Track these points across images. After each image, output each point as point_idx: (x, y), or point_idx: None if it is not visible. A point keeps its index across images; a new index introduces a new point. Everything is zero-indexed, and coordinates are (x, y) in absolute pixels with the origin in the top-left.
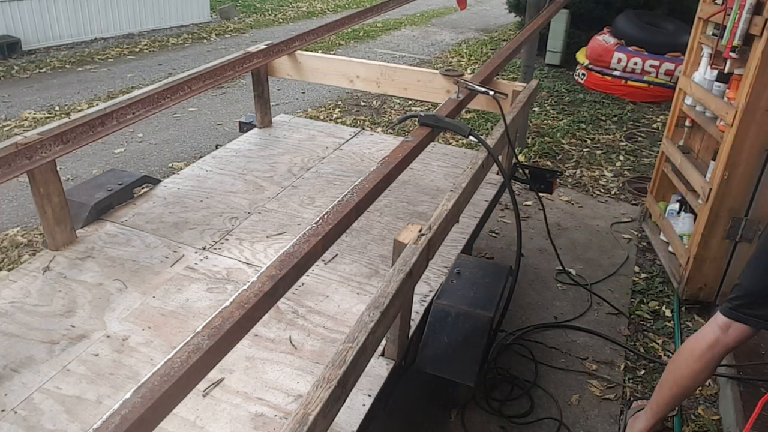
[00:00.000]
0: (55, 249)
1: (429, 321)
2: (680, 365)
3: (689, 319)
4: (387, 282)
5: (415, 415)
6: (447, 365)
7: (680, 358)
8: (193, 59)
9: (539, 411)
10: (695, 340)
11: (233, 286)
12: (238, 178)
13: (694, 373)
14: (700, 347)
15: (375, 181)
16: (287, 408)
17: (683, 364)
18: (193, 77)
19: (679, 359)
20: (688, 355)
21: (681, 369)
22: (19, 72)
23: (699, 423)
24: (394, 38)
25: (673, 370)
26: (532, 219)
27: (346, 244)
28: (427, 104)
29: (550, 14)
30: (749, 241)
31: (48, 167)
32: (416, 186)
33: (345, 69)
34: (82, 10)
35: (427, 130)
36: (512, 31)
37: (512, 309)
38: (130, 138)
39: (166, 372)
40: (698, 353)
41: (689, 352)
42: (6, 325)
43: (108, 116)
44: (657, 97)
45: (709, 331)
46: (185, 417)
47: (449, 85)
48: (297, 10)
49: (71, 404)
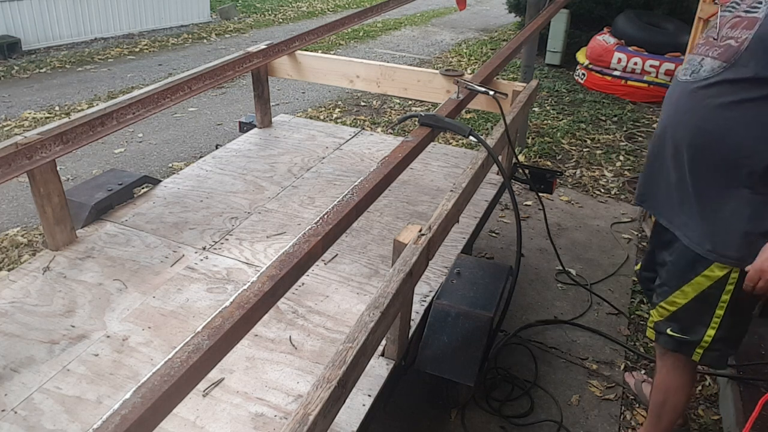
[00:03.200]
0: (55, 249)
1: (429, 321)
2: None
3: None
4: (387, 282)
5: (415, 415)
6: (447, 365)
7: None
8: (193, 59)
9: (539, 411)
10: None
11: (233, 286)
12: (238, 178)
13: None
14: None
15: (375, 181)
16: (287, 408)
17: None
18: (193, 77)
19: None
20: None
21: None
22: (19, 72)
23: (699, 423)
24: (394, 38)
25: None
26: (532, 219)
27: (346, 244)
28: (427, 104)
29: (550, 14)
30: None
31: (48, 167)
32: (416, 186)
33: (345, 69)
34: (82, 10)
35: (427, 130)
36: (512, 31)
37: (512, 309)
38: (130, 138)
39: (166, 372)
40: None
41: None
42: (6, 325)
43: (108, 116)
44: (657, 97)
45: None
46: (185, 417)
47: (449, 85)
48: (297, 10)
49: (71, 404)
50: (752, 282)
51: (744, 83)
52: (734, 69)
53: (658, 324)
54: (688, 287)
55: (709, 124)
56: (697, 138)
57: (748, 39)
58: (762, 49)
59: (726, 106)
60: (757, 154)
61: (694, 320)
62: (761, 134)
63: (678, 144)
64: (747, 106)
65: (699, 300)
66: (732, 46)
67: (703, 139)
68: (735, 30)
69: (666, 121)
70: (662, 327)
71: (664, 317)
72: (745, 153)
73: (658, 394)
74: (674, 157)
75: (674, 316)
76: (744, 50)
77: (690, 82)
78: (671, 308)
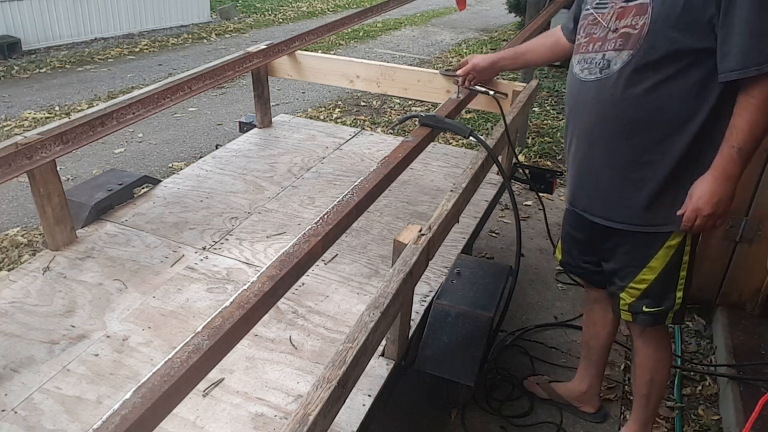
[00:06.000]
0: (55, 249)
1: (429, 321)
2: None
3: (689, 318)
4: (387, 282)
5: (415, 415)
6: (447, 365)
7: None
8: (193, 59)
9: (539, 411)
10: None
11: (233, 286)
12: (238, 178)
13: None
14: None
15: (375, 181)
16: (287, 408)
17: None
18: (193, 77)
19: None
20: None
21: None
22: (19, 72)
23: (699, 423)
24: (394, 38)
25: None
26: (532, 219)
27: (346, 244)
28: (427, 104)
29: (550, 14)
30: (749, 242)
31: (48, 167)
32: (416, 186)
33: (345, 69)
34: (82, 10)
35: (427, 130)
36: (512, 31)
37: (512, 309)
38: (130, 138)
39: (166, 372)
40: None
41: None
42: (6, 325)
43: (108, 116)
44: None
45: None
46: (185, 417)
47: (449, 85)
48: (297, 10)
49: (71, 404)
50: (690, 222)
51: (657, 63)
52: (643, 53)
53: (632, 305)
54: (654, 262)
55: (639, 113)
56: (632, 130)
57: (646, 23)
58: (662, 28)
59: (650, 89)
60: (693, 118)
61: (666, 289)
62: (689, 99)
63: (610, 141)
64: (669, 82)
65: (666, 270)
66: (632, 33)
67: (638, 128)
68: (625, 19)
69: (588, 124)
70: (637, 306)
71: (635, 297)
72: (681, 122)
73: (644, 374)
74: (608, 156)
75: (646, 293)
76: (646, 34)
77: (604, 79)
78: (642, 286)
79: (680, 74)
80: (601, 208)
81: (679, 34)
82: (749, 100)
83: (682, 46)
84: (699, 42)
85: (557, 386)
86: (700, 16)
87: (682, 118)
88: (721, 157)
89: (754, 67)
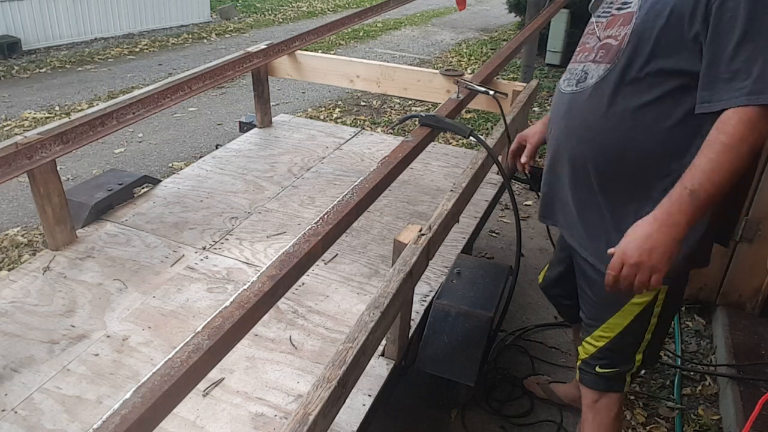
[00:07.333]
0: (55, 249)
1: (429, 321)
2: None
3: (689, 318)
4: (387, 282)
5: (415, 415)
6: (447, 365)
7: None
8: (193, 59)
9: (539, 411)
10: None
11: (233, 286)
12: (238, 178)
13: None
14: None
15: (375, 181)
16: (287, 408)
17: None
18: (193, 77)
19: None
20: None
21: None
22: (19, 72)
23: (699, 423)
24: (394, 38)
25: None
26: (532, 219)
27: (346, 244)
28: (427, 104)
29: (550, 14)
30: (749, 241)
31: (48, 167)
32: (416, 186)
33: (345, 69)
34: (82, 10)
35: (427, 130)
36: (512, 31)
37: (512, 309)
38: (130, 138)
39: (166, 372)
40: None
41: None
42: (6, 325)
43: (108, 116)
44: None
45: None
46: (185, 417)
47: (449, 85)
48: (297, 10)
49: (71, 404)
50: (615, 270)
51: (636, 83)
52: (620, 69)
53: (585, 362)
54: (615, 319)
55: (609, 138)
56: (600, 156)
57: (627, 34)
58: (643, 41)
59: (623, 114)
60: (663, 160)
61: (625, 350)
62: (664, 140)
63: (576, 163)
64: (644, 112)
65: (627, 332)
66: (612, 45)
67: (608, 156)
68: (611, 29)
69: (559, 138)
70: (590, 366)
71: (590, 354)
72: (658, 161)
73: None
74: (574, 177)
75: (602, 352)
76: (626, 46)
77: (578, 93)
78: (599, 344)
79: (662, 101)
80: (567, 227)
81: (660, 50)
82: (718, 137)
83: (665, 66)
84: (685, 63)
85: (556, 387)
86: (686, 33)
87: (660, 156)
88: (668, 197)
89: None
